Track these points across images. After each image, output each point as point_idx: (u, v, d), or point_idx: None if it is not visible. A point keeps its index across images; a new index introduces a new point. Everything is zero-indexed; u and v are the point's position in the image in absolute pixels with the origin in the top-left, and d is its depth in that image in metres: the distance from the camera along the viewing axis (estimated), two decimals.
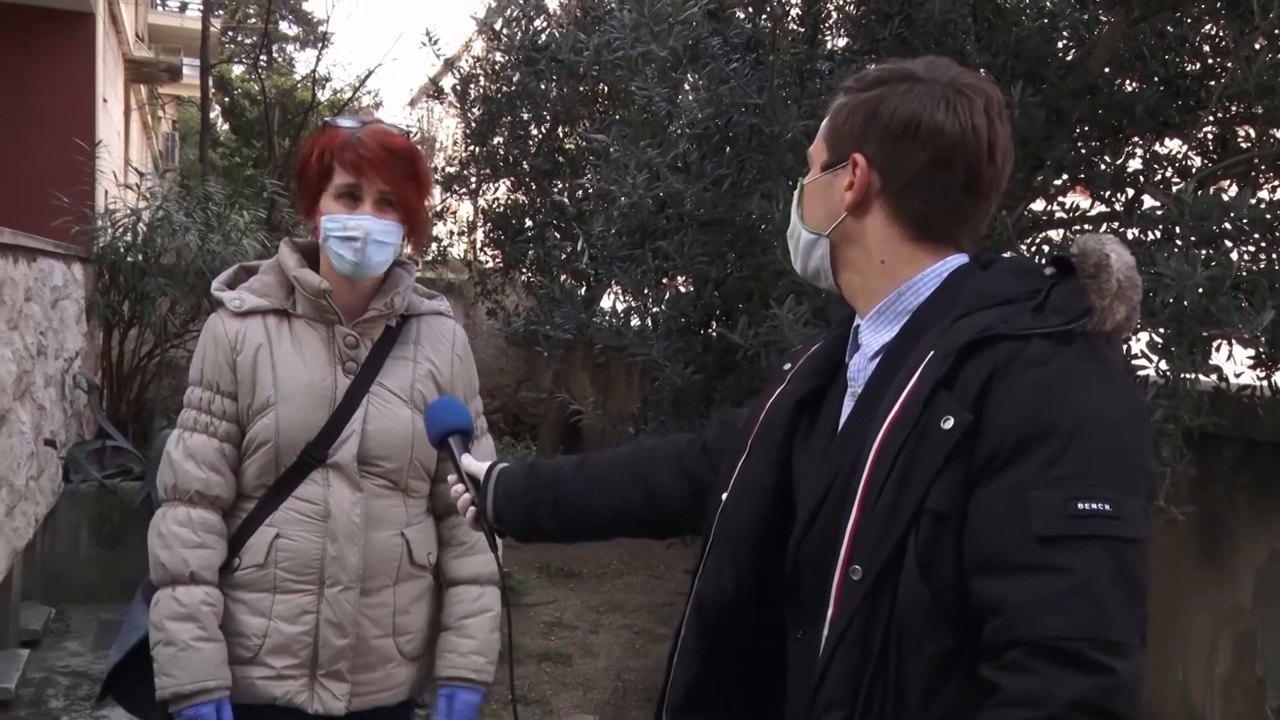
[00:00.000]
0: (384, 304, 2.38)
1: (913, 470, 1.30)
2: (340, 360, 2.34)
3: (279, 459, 2.29)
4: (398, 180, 2.30)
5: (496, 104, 8.98)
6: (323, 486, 2.31)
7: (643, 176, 4.32)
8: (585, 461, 1.91)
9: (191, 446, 2.31)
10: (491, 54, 9.25)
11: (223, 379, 2.32)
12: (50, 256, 5.65)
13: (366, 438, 2.32)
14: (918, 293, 1.46)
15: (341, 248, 2.28)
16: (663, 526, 1.93)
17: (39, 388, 5.35)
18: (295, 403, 2.29)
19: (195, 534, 2.28)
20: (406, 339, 2.44)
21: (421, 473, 2.41)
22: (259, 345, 2.32)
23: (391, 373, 2.38)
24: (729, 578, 1.55)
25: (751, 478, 1.56)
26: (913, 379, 1.34)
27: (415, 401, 2.37)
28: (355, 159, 2.27)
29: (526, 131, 9.18)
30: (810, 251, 1.57)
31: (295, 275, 2.35)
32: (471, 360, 2.56)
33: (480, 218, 10.16)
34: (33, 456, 5.17)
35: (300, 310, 2.36)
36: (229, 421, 2.32)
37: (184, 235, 7.13)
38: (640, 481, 1.85)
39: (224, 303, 2.37)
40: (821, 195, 1.54)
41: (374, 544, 2.34)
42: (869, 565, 1.31)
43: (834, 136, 1.54)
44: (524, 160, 9.15)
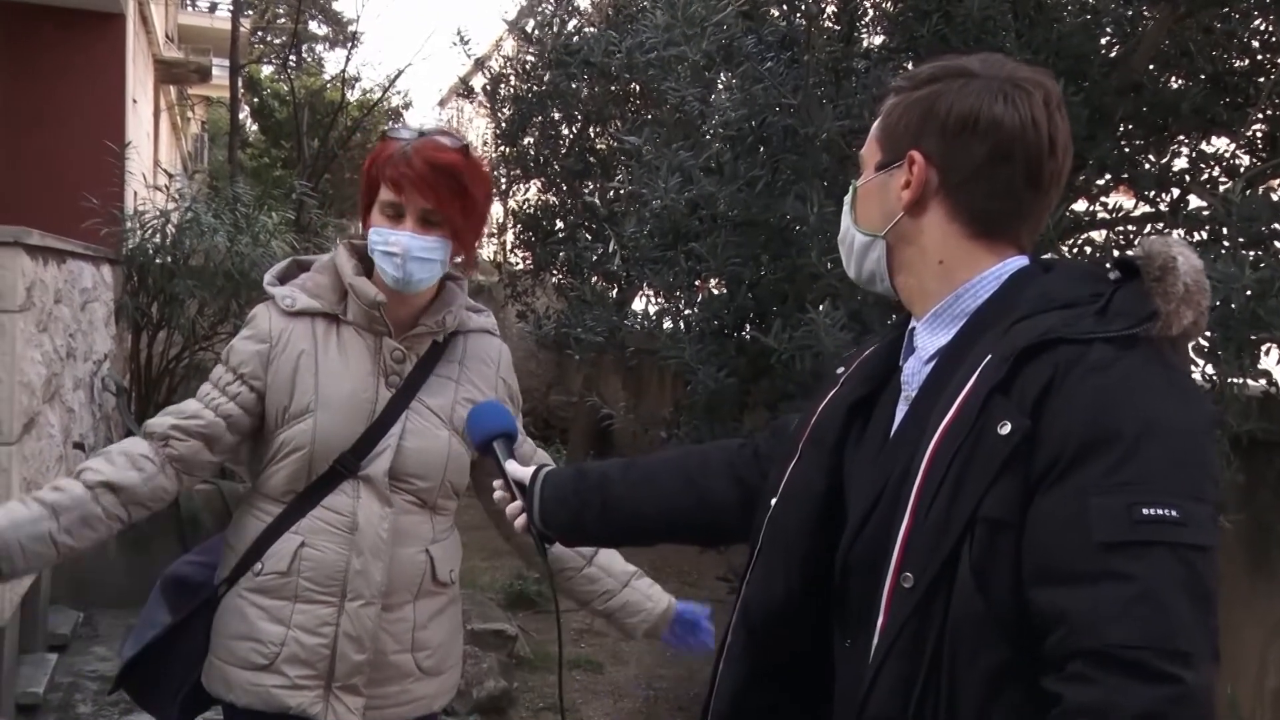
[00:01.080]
0: (435, 322, 2.39)
1: (967, 477, 1.29)
2: (384, 373, 2.35)
3: (311, 466, 2.30)
4: (441, 198, 2.29)
5: (527, 104, 8.99)
6: (352, 498, 2.31)
7: (675, 178, 4.32)
8: (633, 465, 1.91)
9: (184, 410, 2.33)
10: (522, 53, 9.27)
11: (250, 369, 2.32)
12: (79, 258, 5.70)
13: (402, 453, 2.32)
14: (976, 295, 1.45)
15: (384, 262, 2.30)
16: (712, 533, 1.93)
17: (68, 390, 5.40)
18: (334, 411, 2.29)
19: (114, 452, 2.28)
20: (452, 357, 2.44)
21: (451, 493, 2.42)
22: (302, 351, 2.32)
23: (434, 391, 2.38)
24: (777, 583, 1.54)
25: (802, 482, 1.55)
26: (969, 383, 1.33)
27: (454, 424, 2.37)
28: (396, 176, 2.27)
29: (557, 132, 9.19)
30: (865, 255, 1.55)
31: (351, 283, 2.36)
32: (514, 379, 2.57)
33: (510, 219, 10.17)
34: (61, 460, 5.22)
35: (351, 317, 2.37)
36: (237, 405, 2.32)
37: (213, 237, 7.18)
38: (690, 486, 1.84)
39: (276, 299, 2.38)
40: (876, 196, 1.53)
41: (399, 560, 2.35)
42: (921, 573, 1.30)
43: (888, 135, 1.52)
44: (555, 161, 9.15)
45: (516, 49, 9.53)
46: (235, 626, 2.34)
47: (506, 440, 2.03)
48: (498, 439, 2.03)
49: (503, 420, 2.06)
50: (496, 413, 2.09)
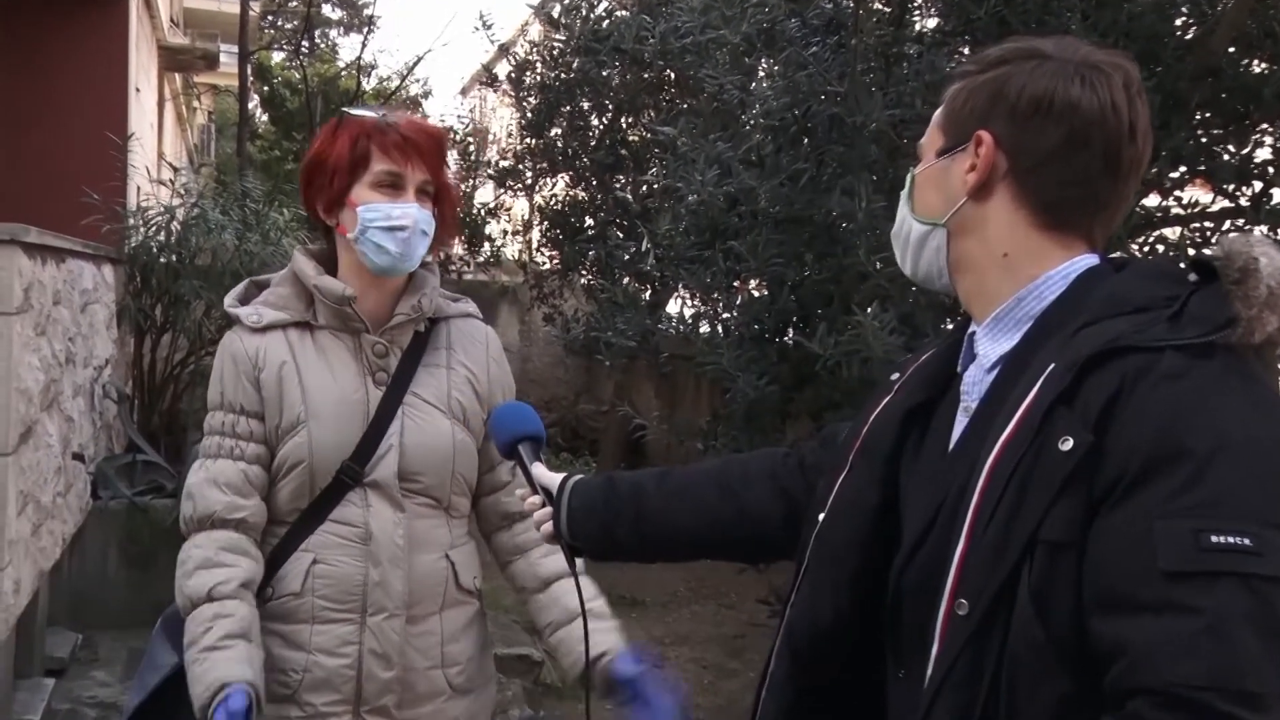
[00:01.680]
0: (411, 307, 2.38)
1: (1027, 496, 1.26)
2: (370, 371, 2.35)
3: (314, 480, 2.30)
4: (437, 168, 2.33)
5: (554, 92, 9.02)
6: (362, 507, 2.31)
7: (713, 171, 4.32)
8: (668, 474, 1.91)
9: (214, 471, 2.31)
10: (549, 39, 9.30)
11: (246, 399, 2.32)
12: (79, 257, 5.75)
13: (405, 452, 2.32)
14: (1041, 297, 1.43)
15: (385, 239, 2.28)
16: (753, 548, 1.92)
17: (67, 398, 5.45)
18: (327, 419, 2.30)
19: (213, 554, 2.27)
20: (438, 344, 2.44)
21: (464, 488, 2.42)
22: (282, 362, 2.32)
23: (425, 382, 2.38)
24: (825, 606, 1.53)
25: (852, 496, 1.54)
26: (1030, 394, 1.31)
27: (453, 411, 2.38)
28: (399, 143, 2.28)
29: (586, 122, 9.21)
30: (923, 246, 1.54)
31: (316, 284, 2.35)
32: (506, 364, 2.57)
33: (536, 215, 10.21)
34: (60, 471, 5.26)
35: (322, 321, 2.37)
36: (256, 443, 2.32)
37: (220, 234, 7.22)
38: (730, 498, 1.84)
39: (240, 319, 2.37)
40: (936, 181, 1.52)
41: (418, 568, 2.34)
42: (977, 599, 1.28)
43: (951, 121, 1.51)
44: (584, 153, 9.18)
45: (543, 34, 9.56)
46: None
47: (533, 443, 2.03)
48: (524, 441, 2.02)
49: (529, 422, 2.05)
50: (523, 414, 2.08)
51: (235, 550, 2.29)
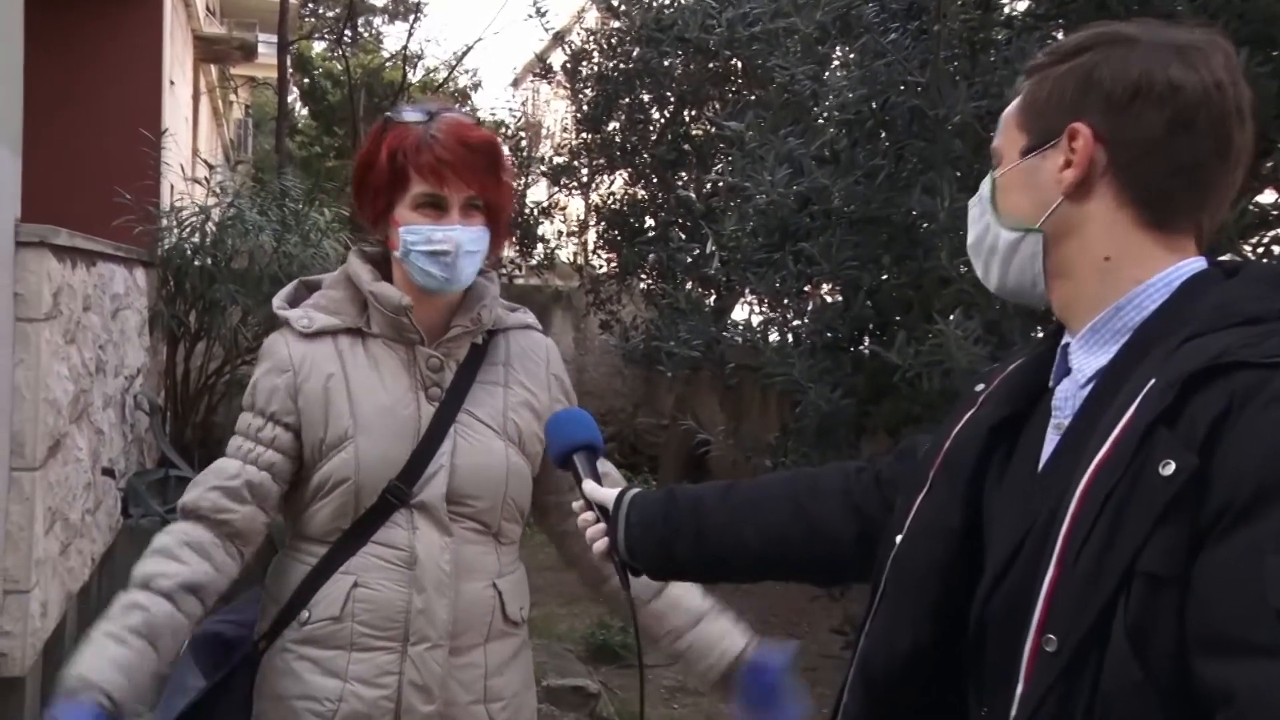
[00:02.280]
0: (469, 320, 2.39)
1: (1123, 523, 1.24)
2: (423, 385, 2.36)
3: (359, 499, 2.31)
4: (483, 182, 2.31)
5: (613, 84, 9.05)
6: (408, 530, 2.32)
7: (783, 169, 4.31)
8: (733, 489, 1.90)
9: (219, 470, 2.34)
10: (607, 27, 9.33)
11: (279, 406, 2.34)
12: (111, 260, 5.84)
13: (456, 473, 2.33)
14: (1142, 306, 1.40)
15: (428, 263, 2.30)
16: (823, 569, 1.90)
17: (97, 409, 5.53)
18: (376, 434, 2.31)
19: (174, 545, 2.28)
20: (495, 359, 2.45)
21: (515, 514, 2.43)
22: (330, 374, 2.34)
23: (480, 400, 2.39)
24: (902, 636, 1.51)
25: (932, 517, 1.52)
26: (1128, 412, 1.29)
27: (508, 433, 2.38)
28: (434, 164, 2.27)
29: (647, 116, 9.23)
30: (1013, 254, 1.51)
31: (372, 290, 2.36)
32: (568, 379, 2.57)
33: (593, 215, 10.23)
34: (90, 487, 5.34)
35: (376, 329, 2.38)
36: (276, 451, 2.34)
37: (258, 236, 7.31)
38: (799, 515, 1.83)
39: (289, 322, 2.40)
40: (1025, 183, 1.49)
41: (464, 596, 2.35)
42: (1067, 636, 1.25)
43: (1034, 115, 1.48)
44: (644, 149, 9.19)
45: (601, 22, 9.60)
46: (283, 685, 2.34)
47: (590, 454, 2.03)
48: (579, 451, 2.03)
49: (586, 430, 2.06)
50: (579, 422, 2.08)
51: (198, 550, 2.28)
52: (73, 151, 8.55)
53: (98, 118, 8.96)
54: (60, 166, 8.24)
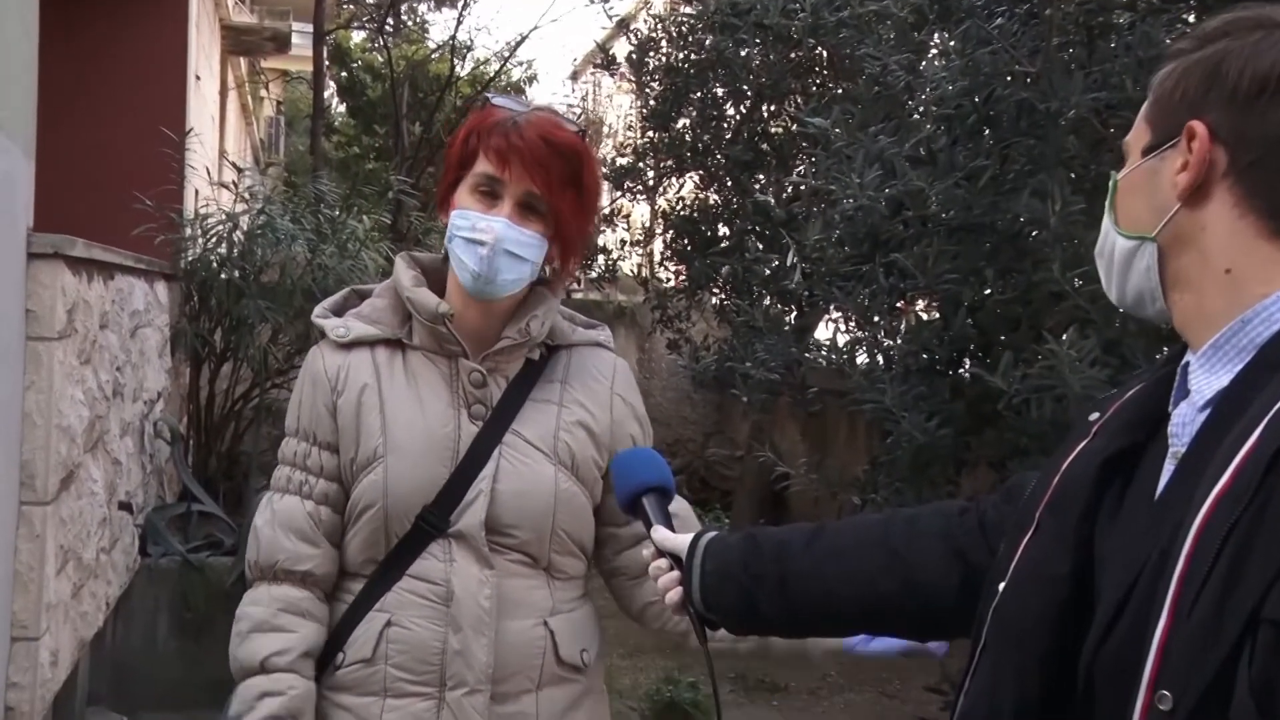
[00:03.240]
0: (518, 330, 2.40)
1: (1246, 564, 1.22)
2: (465, 402, 2.38)
3: (389, 526, 2.33)
4: (551, 183, 2.32)
5: (683, 76, 9.06)
6: (444, 562, 2.33)
7: (873, 170, 4.30)
8: (820, 532, 1.90)
9: (280, 512, 2.38)
10: (677, 13, 9.35)
11: (321, 427, 2.38)
12: (130, 273, 5.90)
13: (497, 500, 2.34)
14: (1269, 321, 1.39)
15: (465, 251, 2.32)
16: (922, 623, 1.90)
17: (114, 437, 5.59)
18: (409, 455, 2.33)
19: (272, 614, 2.33)
20: (552, 376, 2.47)
21: (570, 547, 2.42)
22: (364, 385, 2.37)
23: (530, 419, 2.40)
24: (1006, 694, 1.50)
25: (1039, 562, 1.51)
26: (1251, 438, 1.27)
27: (559, 455, 2.39)
28: (502, 146, 2.30)
29: (721, 112, 9.23)
30: (1130, 266, 1.52)
31: (409, 297, 2.40)
32: (639, 401, 2.58)
33: (660, 222, 10.24)
34: (105, 523, 5.39)
35: (417, 340, 2.42)
36: (327, 480, 2.38)
37: (290, 246, 7.37)
38: (895, 561, 1.83)
39: (325, 332, 2.44)
40: (1143, 187, 1.50)
41: (508, 636, 2.34)
42: (1182, 691, 1.24)
43: (1159, 111, 1.49)
44: (717, 149, 9.20)
45: (670, 7, 9.63)
46: None
47: (659, 496, 2.04)
48: (649, 494, 2.03)
49: (655, 470, 2.07)
50: (647, 461, 2.09)
51: (296, 611, 2.34)
52: (88, 153, 8.64)
53: (116, 116, 9.06)
54: (75, 170, 8.34)
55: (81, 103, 8.87)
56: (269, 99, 28.98)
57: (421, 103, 17.50)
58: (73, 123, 8.61)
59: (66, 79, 8.64)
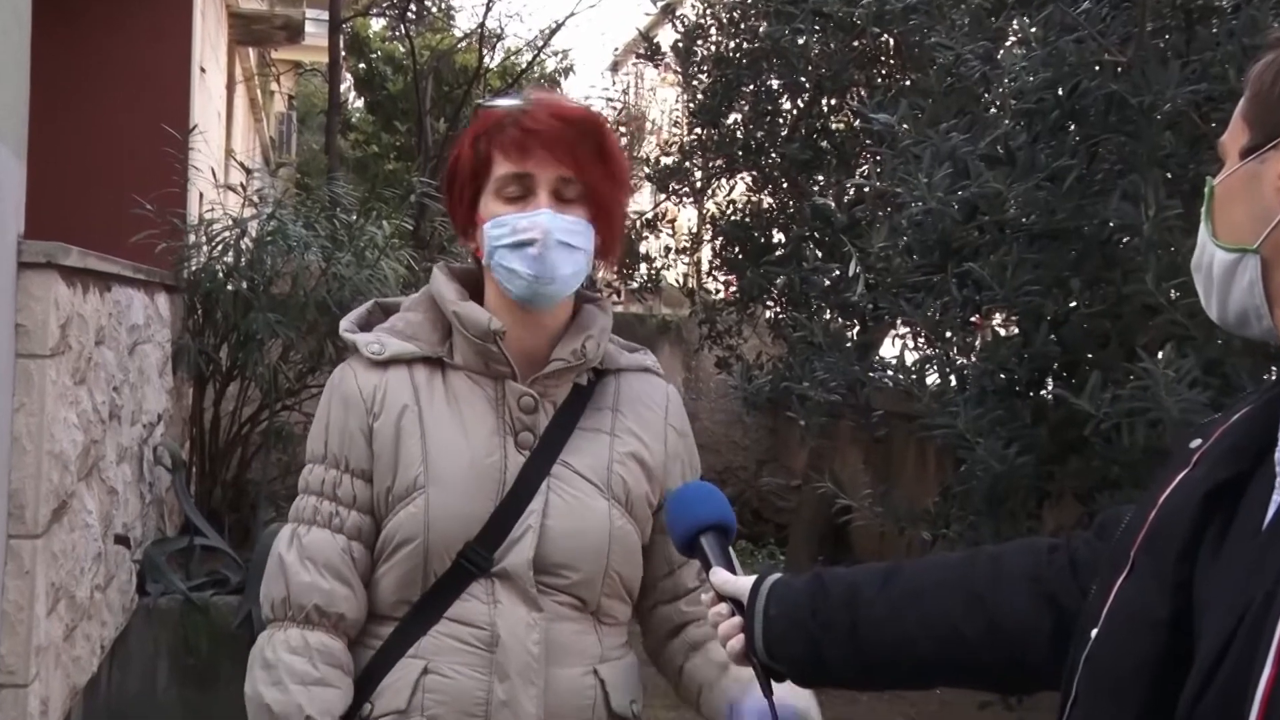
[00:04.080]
0: (572, 352, 2.40)
1: None
2: (512, 429, 2.38)
3: (428, 564, 2.33)
4: (581, 161, 2.34)
5: (734, 67, 9.07)
6: (488, 604, 2.33)
7: (945, 170, 4.29)
8: (894, 574, 1.91)
9: (310, 546, 2.36)
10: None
11: (354, 453, 2.38)
12: (128, 284, 5.94)
13: (546, 537, 2.33)
14: None
15: (514, 258, 2.31)
16: (1007, 674, 1.90)
17: (110, 464, 5.61)
18: (452, 486, 2.33)
19: (314, 666, 2.32)
20: (601, 403, 2.47)
21: (620, 590, 2.43)
22: (403, 406, 2.37)
23: (581, 449, 2.40)
24: None
25: (1135, 605, 1.51)
26: None
27: (613, 490, 2.39)
28: (519, 137, 2.31)
29: (776, 106, 9.24)
30: (1231, 281, 1.51)
31: (456, 311, 2.39)
32: (691, 436, 2.59)
33: (708, 228, 10.25)
34: (100, 559, 5.42)
35: (459, 359, 2.41)
36: (360, 512, 2.37)
37: (303, 254, 7.40)
38: (979, 605, 1.83)
39: (358, 348, 2.43)
40: (1242, 194, 1.49)
41: (557, 685, 2.34)
42: None
43: (1258, 108, 1.48)
44: (772, 147, 9.20)
45: None
46: None
47: (719, 535, 2.04)
48: (707, 533, 2.04)
49: (714, 508, 2.07)
50: (707, 498, 2.10)
51: (335, 664, 2.34)
52: (84, 154, 8.70)
53: (114, 113, 9.12)
54: (69, 171, 8.40)
55: (77, 98, 8.93)
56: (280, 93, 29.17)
57: (447, 97, 17.60)
58: (67, 120, 8.66)
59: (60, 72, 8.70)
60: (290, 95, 31.31)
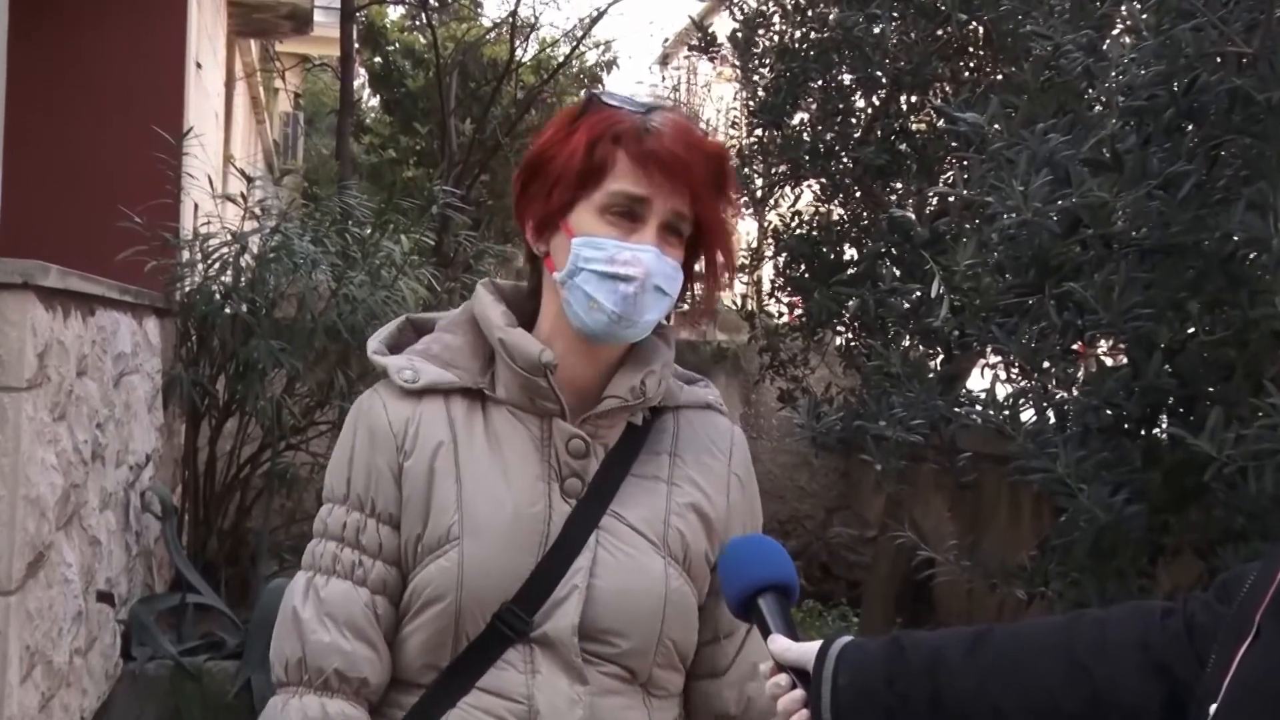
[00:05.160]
0: (630, 389, 2.39)
1: None
2: (558, 475, 2.37)
3: (459, 626, 2.32)
4: (705, 201, 2.34)
5: (800, 60, 9.07)
6: (525, 674, 2.32)
7: (1043, 177, 4.28)
8: (984, 638, 1.91)
9: (329, 600, 2.35)
10: None
11: (381, 494, 2.37)
12: (114, 307, 5.97)
13: (594, 599, 2.33)
14: None
15: (601, 289, 2.30)
16: None
17: (92, 511, 5.64)
18: (490, 538, 2.32)
19: None
20: (658, 446, 2.46)
21: (674, 660, 2.42)
22: (438, 444, 2.36)
23: (635, 499, 2.39)
24: None
25: (1261, 677, 1.52)
26: None
27: (669, 547, 2.38)
28: (643, 156, 2.30)
29: (848, 104, 9.23)
30: None
31: (503, 338, 2.38)
32: (755, 483, 2.59)
33: (770, 243, 10.24)
34: (80, 618, 5.44)
35: (502, 392, 2.40)
36: (386, 563, 2.37)
37: (310, 273, 7.45)
38: (1082, 675, 1.82)
39: (389, 372, 2.42)
40: None
41: None
42: None
43: None
44: (843, 150, 9.19)
45: None
46: None
47: (780, 596, 2.04)
48: (766, 593, 2.03)
49: (775, 565, 2.07)
50: (765, 553, 2.10)
51: None
52: (66, 161, 8.77)
53: (99, 115, 9.19)
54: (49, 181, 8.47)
55: (57, 99, 9.00)
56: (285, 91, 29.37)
57: (473, 95, 17.68)
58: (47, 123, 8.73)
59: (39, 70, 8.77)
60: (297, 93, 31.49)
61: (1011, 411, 4.79)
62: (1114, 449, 4.46)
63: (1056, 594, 4.57)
